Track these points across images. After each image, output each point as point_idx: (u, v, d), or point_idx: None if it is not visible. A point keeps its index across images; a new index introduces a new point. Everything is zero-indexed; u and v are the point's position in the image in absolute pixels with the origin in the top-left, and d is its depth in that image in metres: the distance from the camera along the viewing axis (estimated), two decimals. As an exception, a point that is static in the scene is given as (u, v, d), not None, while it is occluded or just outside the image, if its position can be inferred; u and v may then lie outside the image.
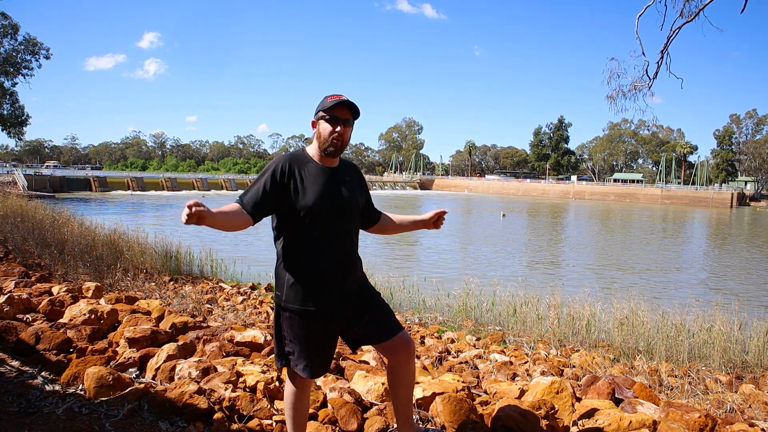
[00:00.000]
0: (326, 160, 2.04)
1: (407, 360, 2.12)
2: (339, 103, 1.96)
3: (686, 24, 7.02)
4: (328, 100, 1.99)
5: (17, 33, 34.92)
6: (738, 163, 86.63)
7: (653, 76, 7.61)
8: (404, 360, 2.11)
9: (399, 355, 2.11)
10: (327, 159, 2.04)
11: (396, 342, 2.09)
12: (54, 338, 3.28)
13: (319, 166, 2.02)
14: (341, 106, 1.97)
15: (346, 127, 1.99)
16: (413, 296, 8.34)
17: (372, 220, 2.31)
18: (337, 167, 2.07)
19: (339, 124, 1.97)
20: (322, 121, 1.99)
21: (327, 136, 1.98)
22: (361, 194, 2.14)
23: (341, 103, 1.97)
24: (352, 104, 1.99)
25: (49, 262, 7.32)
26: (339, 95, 1.99)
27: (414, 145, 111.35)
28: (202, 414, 2.49)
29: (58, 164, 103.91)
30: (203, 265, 9.52)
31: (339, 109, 1.98)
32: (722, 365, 5.13)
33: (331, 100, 1.98)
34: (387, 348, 2.11)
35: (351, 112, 2.01)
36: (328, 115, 1.98)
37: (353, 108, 2.00)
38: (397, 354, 2.10)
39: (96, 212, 25.06)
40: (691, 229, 35.84)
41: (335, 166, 2.07)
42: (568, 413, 2.78)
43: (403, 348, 2.10)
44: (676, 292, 11.73)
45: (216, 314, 5.76)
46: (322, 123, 2.00)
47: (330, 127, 1.97)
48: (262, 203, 1.92)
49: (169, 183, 56.04)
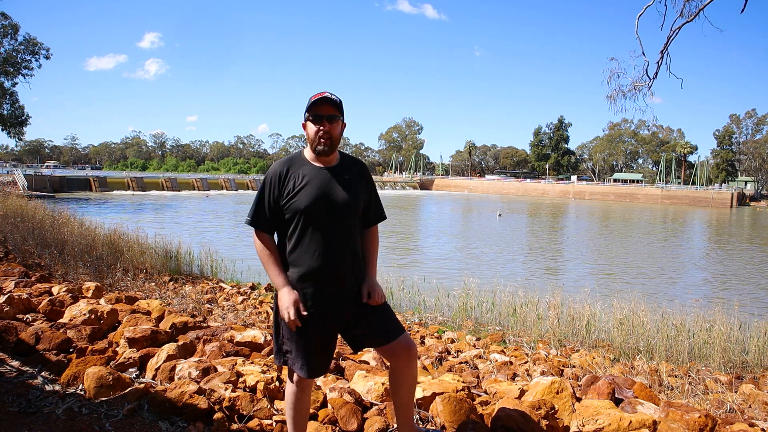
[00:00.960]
0: (322, 159, 2.04)
1: (408, 363, 2.09)
2: (319, 100, 1.96)
3: (686, 24, 7.01)
4: (310, 100, 1.98)
5: (17, 33, 34.87)
6: (738, 163, 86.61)
7: (653, 76, 7.60)
8: (405, 363, 2.08)
9: (400, 359, 2.08)
10: (322, 158, 2.04)
11: (396, 346, 2.06)
12: (54, 338, 3.28)
13: (315, 167, 2.03)
14: (322, 102, 1.97)
15: (331, 123, 1.98)
16: (413, 296, 8.34)
17: (365, 223, 2.16)
18: (335, 166, 2.06)
19: (323, 122, 1.97)
20: (308, 122, 2.00)
21: (313, 135, 1.99)
22: (363, 192, 2.10)
23: (321, 99, 1.96)
24: (333, 99, 1.97)
25: (49, 262, 7.31)
26: (321, 93, 1.98)
27: (414, 145, 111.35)
28: (202, 414, 2.49)
29: (58, 164, 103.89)
30: (203, 265, 9.52)
31: (321, 107, 1.97)
32: (722, 365, 5.12)
33: (313, 99, 1.97)
34: (387, 351, 2.09)
35: (335, 107, 1.99)
36: (312, 114, 1.98)
37: (336, 103, 1.98)
38: (398, 357, 2.08)
39: (96, 212, 25.06)
40: (691, 229, 35.84)
41: (333, 164, 2.06)
42: (568, 413, 2.78)
43: (404, 351, 2.06)
44: (676, 292, 11.73)
45: (216, 314, 5.76)
46: (308, 124, 2.01)
47: (315, 127, 1.98)
48: (272, 216, 2.02)
49: (169, 183, 56.07)
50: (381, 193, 16.83)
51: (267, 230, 2.03)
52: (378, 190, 2.25)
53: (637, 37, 7.48)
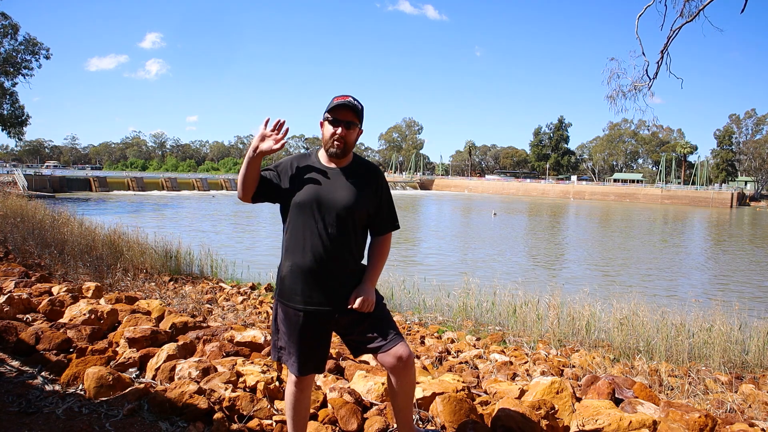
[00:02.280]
0: (332, 160, 2.05)
1: (405, 371, 2.06)
2: (340, 105, 1.96)
3: (686, 24, 7.01)
4: (333, 101, 1.98)
5: (17, 33, 34.89)
6: (738, 163, 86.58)
7: (653, 76, 7.60)
8: (401, 371, 2.05)
9: (396, 368, 2.05)
10: (333, 159, 2.04)
11: (392, 354, 2.02)
12: (54, 338, 3.28)
13: (324, 166, 2.04)
14: (343, 108, 1.97)
15: (348, 129, 1.98)
16: (413, 296, 8.34)
17: (375, 231, 2.15)
18: (344, 168, 2.05)
19: (340, 126, 1.97)
20: (326, 122, 2.00)
21: (328, 137, 1.99)
22: (369, 197, 2.06)
23: (342, 105, 1.96)
24: (355, 106, 1.97)
25: (49, 262, 7.31)
26: (345, 96, 1.98)
27: (414, 145, 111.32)
28: (202, 414, 2.49)
29: (58, 164, 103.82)
30: (203, 265, 9.53)
31: (341, 111, 1.97)
32: (722, 365, 5.12)
33: (336, 101, 1.97)
34: (384, 359, 2.05)
35: (355, 114, 1.99)
36: (331, 116, 1.98)
37: (357, 110, 1.98)
38: (394, 366, 2.04)
39: (96, 212, 25.05)
40: (691, 229, 35.83)
41: (343, 166, 2.06)
42: (568, 413, 2.78)
43: (400, 360, 2.03)
44: (676, 292, 11.73)
45: (216, 314, 5.76)
46: (325, 124, 2.01)
47: (332, 129, 1.98)
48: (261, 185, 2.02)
49: (169, 183, 56.06)
50: (381, 193, 16.59)
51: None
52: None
53: (637, 37, 7.49)
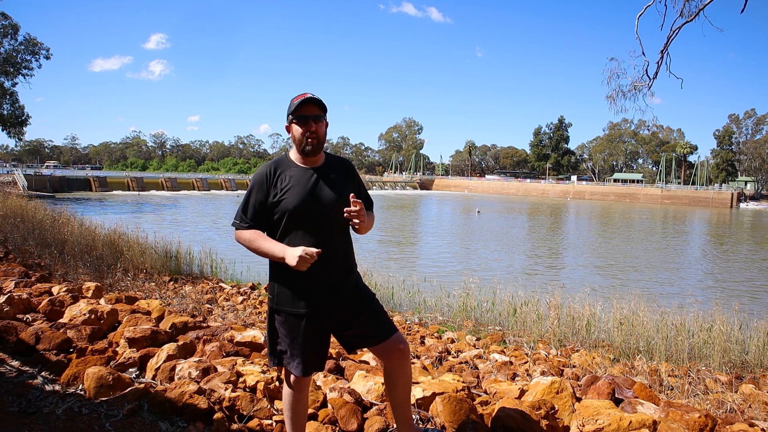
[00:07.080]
0: (307, 160, 2.06)
1: (401, 362, 2.11)
2: (303, 102, 1.99)
3: (686, 24, 7.00)
4: (294, 102, 2.01)
5: (17, 33, 34.92)
6: (738, 163, 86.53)
7: (653, 76, 7.60)
8: (398, 362, 2.11)
9: (393, 358, 2.10)
10: (308, 159, 2.06)
11: (390, 345, 2.08)
12: (54, 338, 3.28)
13: (301, 168, 2.05)
14: (306, 103, 1.99)
15: (317, 123, 2.01)
16: (413, 296, 8.34)
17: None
18: (320, 166, 2.08)
19: (309, 122, 2.00)
20: (293, 124, 2.02)
21: (300, 137, 2.01)
22: (351, 189, 2.10)
23: (305, 101, 1.99)
24: (317, 99, 2.01)
25: (49, 262, 7.31)
26: (303, 94, 2.01)
27: (414, 145, 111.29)
28: (202, 414, 2.49)
29: (58, 164, 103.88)
30: (203, 265, 9.53)
31: (305, 108, 2.00)
32: (722, 365, 5.13)
33: (296, 101, 2.00)
34: (381, 351, 2.11)
35: (319, 107, 2.02)
36: (296, 116, 2.01)
37: (320, 102, 2.02)
38: (391, 357, 2.10)
39: (96, 212, 25.06)
40: (691, 228, 35.83)
41: (319, 165, 2.08)
42: (568, 413, 2.78)
43: (397, 351, 2.09)
44: (676, 292, 11.72)
45: (216, 314, 5.76)
46: (293, 126, 2.03)
47: (301, 128, 2.00)
48: (257, 217, 2.03)
49: (169, 183, 56.06)
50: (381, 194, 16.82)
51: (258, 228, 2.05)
52: (378, 190, 2.26)
53: (637, 37, 7.48)
